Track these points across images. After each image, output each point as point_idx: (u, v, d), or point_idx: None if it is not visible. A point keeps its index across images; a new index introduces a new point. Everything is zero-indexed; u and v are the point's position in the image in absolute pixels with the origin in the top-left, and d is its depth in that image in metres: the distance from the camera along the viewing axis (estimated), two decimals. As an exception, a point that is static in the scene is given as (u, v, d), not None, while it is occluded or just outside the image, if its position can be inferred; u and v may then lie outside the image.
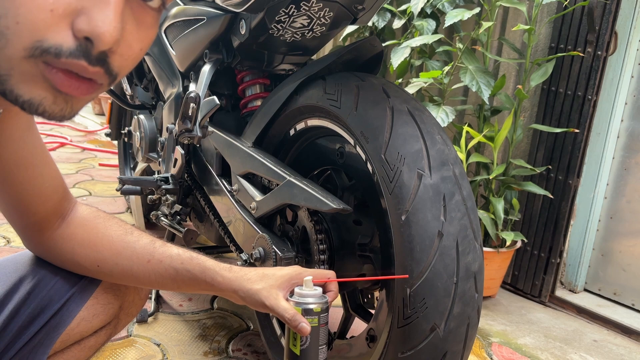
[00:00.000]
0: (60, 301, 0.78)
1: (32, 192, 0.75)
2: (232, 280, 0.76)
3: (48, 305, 0.77)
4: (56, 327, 0.78)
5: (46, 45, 0.41)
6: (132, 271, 0.79)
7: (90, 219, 0.81)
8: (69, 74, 0.42)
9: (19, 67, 0.41)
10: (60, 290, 0.79)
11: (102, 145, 3.77)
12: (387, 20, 2.09)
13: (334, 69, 1.04)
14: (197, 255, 0.79)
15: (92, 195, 2.60)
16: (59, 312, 0.78)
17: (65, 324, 0.78)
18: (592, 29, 1.74)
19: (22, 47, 0.40)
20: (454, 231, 0.80)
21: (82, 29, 0.41)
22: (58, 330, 0.78)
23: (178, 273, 0.78)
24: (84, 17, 0.41)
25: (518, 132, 1.82)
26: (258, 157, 1.08)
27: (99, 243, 0.79)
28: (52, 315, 0.77)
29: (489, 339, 1.63)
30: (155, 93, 1.72)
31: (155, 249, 0.79)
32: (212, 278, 0.77)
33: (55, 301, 0.78)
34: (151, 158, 1.59)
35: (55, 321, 0.78)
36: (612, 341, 1.69)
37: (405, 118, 0.87)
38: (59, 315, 0.78)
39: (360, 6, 1.07)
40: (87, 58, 0.42)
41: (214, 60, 1.25)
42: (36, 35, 0.40)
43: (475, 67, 1.71)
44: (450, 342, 0.80)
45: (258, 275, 0.76)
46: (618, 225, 1.87)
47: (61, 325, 0.78)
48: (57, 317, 0.78)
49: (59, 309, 0.78)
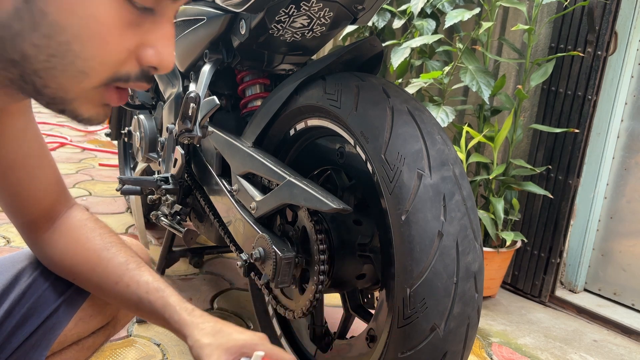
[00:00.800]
0: (57, 301, 0.78)
1: (23, 194, 0.75)
2: (187, 325, 0.71)
3: (43, 305, 0.77)
4: (53, 328, 0.77)
5: (118, 75, 0.49)
6: (102, 289, 0.77)
7: (76, 227, 0.80)
8: (120, 90, 0.51)
9: (87, 94, 0.49)
10: (56, 290, 0.79)
11: (102, 145, 3.77)
12: (387, 20, 2.09)
13: (334, 69, 1.04)
14: (165, 288, 0.75)
15: (92, 195, 2.59)
16: (55, 313, 0.77)
17: (62, 325, 0.77)
18: (592, 29, 1.74)
19: (100, 81, 0.48)
20: (454, 231, 0.80)
21: (151, 61, 0.49)
22: (55, 331, 0.77)
23: (141, 302, 0.74)
24: (152, 51, 0.49)
25: (518, 132, 1.82)
26: (258, 157, 1.08)
27: (78, 254, 0.78)
28: (48, 316, 0.77)
29: (489, 339, 1.63)
30: (155, 93, 1.72)
31: (126, 271, 0.76)
32: (170, 316, 0.72)
33: (52, 301, 0.78)
34: (151, 158, 1.59)
35: (52, 322, 0.77)
36: (612, 341, 1.69)
37: (405, 118, 0.87)
38: (55, 316, 0.77)
39: (360, 6, 1.07)
40: (147, 79, 0.51)
41: (214, 60, 1.25)
42: (114, 70, 0.48)
43: (475, 67, 1.71)
44: (450, 342, 0.80)
45: (214, 329, 0.70)
46: (618, 225, 1.87)
47: (58, 326, 0.77)
48: (54, 318, 0.77)
49: (55, 309, 0.77)
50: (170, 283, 1.80)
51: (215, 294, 1.72)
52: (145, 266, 0.78)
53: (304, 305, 1.03)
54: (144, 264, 0.79)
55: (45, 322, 0.77)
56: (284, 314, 1.11)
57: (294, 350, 1.23)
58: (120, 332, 1.42)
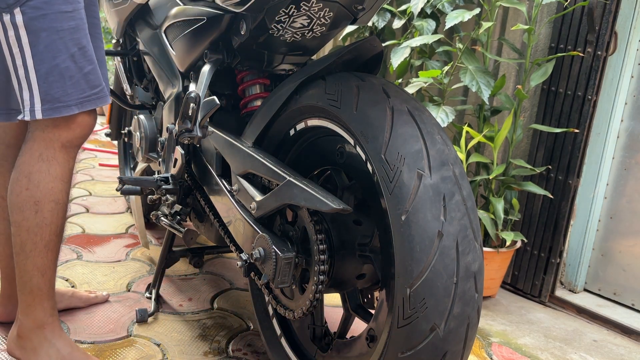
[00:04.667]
0: None
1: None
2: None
3: None
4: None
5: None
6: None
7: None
8: None
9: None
10: None
11: (102, 145, 3.77)
12: (387, 20, 2.09)
13: (334, 69, 1.04)
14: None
15: (92, 195, 2.60)
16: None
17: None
18: (592, 29, 1.74)
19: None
20: (454, 231, 0.80)
21: None
22: None
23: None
24: None
25: (518, 132, 1.82)
26: (258, 157, 1.08)
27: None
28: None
29: (489, 339, 1.63)
30: (155, 93, 1.72)
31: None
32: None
33: None
34: (151, 158, 1.59)
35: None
36: (612, 341, 1.69)
37: (405, 118, 0.87)
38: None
39: (360, 6, 1.07)
40: None
41: (214, 60, 1.25)
42: None
43: (475, 67, 1.71)
44: (450, 342, 0.80)
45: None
46: (618, 225, 1.87)
47: None
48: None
49: None
50: (170, 283, 1.81)
51: (215, 294, 1.72)
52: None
53: (304, 305, 1.03)
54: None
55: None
56: (284, 314, 1.11)
57: (294, 350, 1.23)
58: (120, 332, 1.42)
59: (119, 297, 1.62)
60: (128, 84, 1.84)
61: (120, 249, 1.98)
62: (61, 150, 1.13)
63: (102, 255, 1.92)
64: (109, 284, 1.70)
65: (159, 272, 1.59)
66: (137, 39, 1.68)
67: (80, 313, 1.50)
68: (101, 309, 1.53)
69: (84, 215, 2.30)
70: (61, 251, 1.88)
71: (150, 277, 1.77)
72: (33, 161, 1.11)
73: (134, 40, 1.77)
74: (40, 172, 1.11)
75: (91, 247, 1.97)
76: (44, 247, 1.14)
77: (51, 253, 1.15)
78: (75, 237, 2.04)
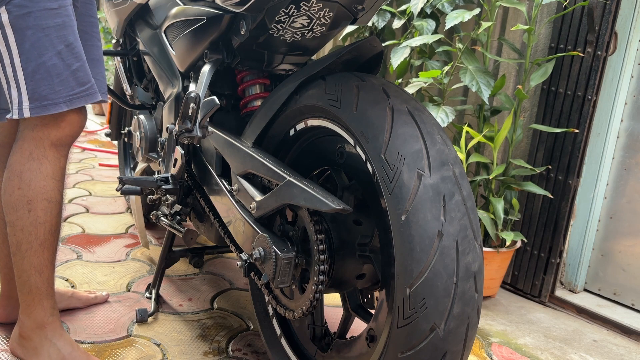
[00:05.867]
0: None
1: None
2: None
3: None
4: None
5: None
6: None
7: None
8: None
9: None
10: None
11: (102, 145, 3.77)
12: (387, 20, 2.09)
13: (334, 69, 1.04)
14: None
15: (92, 195, 2.60)
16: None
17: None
18: (592, 29, 1.74)
19: None
20: (453, 231, 0.80)
21: None
22: None
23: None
24: None
25: (518, 132, 1.82)
26: (258, 157, 1.08)
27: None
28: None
29: (488, 339, 1.63)
30: (155, 93, 1.72)
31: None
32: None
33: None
34: (151, 158, 1.59)
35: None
36: (611, 341, 1.69)
37: (405, 118, 0.87)
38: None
39: (360, 6, 1.07)
40: None
41: (214, 60, 1.25)
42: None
43: (475, 67, 1.71)
44: (450, 342, 0.80)
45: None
46: (618, 225, 1.87)
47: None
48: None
49: None
50: (170, 283, 1.81)
51: (215, 294, 1.72)
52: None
53: (304, 305, 1.03)
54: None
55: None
56: (284, 314, 1.11)
57: (294, 350, 1.23)
58: (120, 332, 1.42)
59: (119, 297, 1.62)
60: (128, 84, 1.84)
61: (120, 249, 1.98)
62: (51, 149, 1.13)
63: (102, 255, 1.92)
64: (108, 284, 1.70)
65: (158, 272, 1.60)
66: (137, 39, 1.68)
67: (80, 313, 1.50)
68: (101, 309, 1.53)
69: (84, 215, 2.30)
70: (61, 251, 1.89)
71: (150, 277, 1.77)
72: (24, 160, 1.11)
73: (134, 40, 1.77)
74: (31, 171, 1.11)
75: (91, 247, 1.97)
76: (40, 246, 1.13)
77: (47, 252, 1.15)
78: (75, 237, 2.04)
